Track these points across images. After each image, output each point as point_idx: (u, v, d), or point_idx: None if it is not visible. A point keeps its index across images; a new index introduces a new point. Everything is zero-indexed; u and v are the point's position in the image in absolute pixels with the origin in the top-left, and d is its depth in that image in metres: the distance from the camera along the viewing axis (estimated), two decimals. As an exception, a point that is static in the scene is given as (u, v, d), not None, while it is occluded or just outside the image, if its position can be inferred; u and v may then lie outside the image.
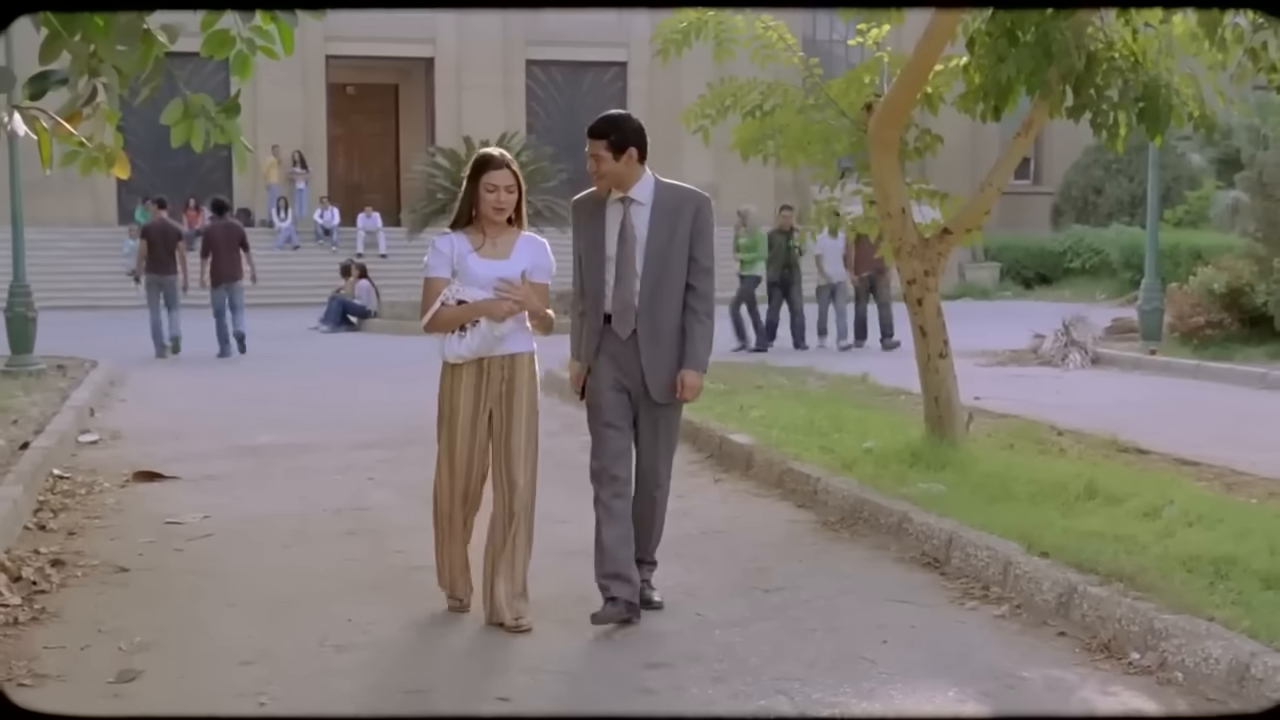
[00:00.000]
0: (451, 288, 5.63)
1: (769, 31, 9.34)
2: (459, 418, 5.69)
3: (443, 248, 5.72)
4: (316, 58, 35.03)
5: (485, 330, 5.58)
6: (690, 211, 5.73)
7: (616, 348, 5.75)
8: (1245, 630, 4.94)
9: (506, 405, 5.67)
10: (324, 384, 15.56)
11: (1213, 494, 7.76)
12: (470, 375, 5.67)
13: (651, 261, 5.69)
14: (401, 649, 5.49)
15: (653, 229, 5.69)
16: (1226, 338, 16.94)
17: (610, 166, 5.66)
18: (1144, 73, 8.14)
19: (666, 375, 5.73)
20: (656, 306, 5.70)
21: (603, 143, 5.64)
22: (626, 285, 5.70)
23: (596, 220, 5.78)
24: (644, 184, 5.73)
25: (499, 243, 5.70)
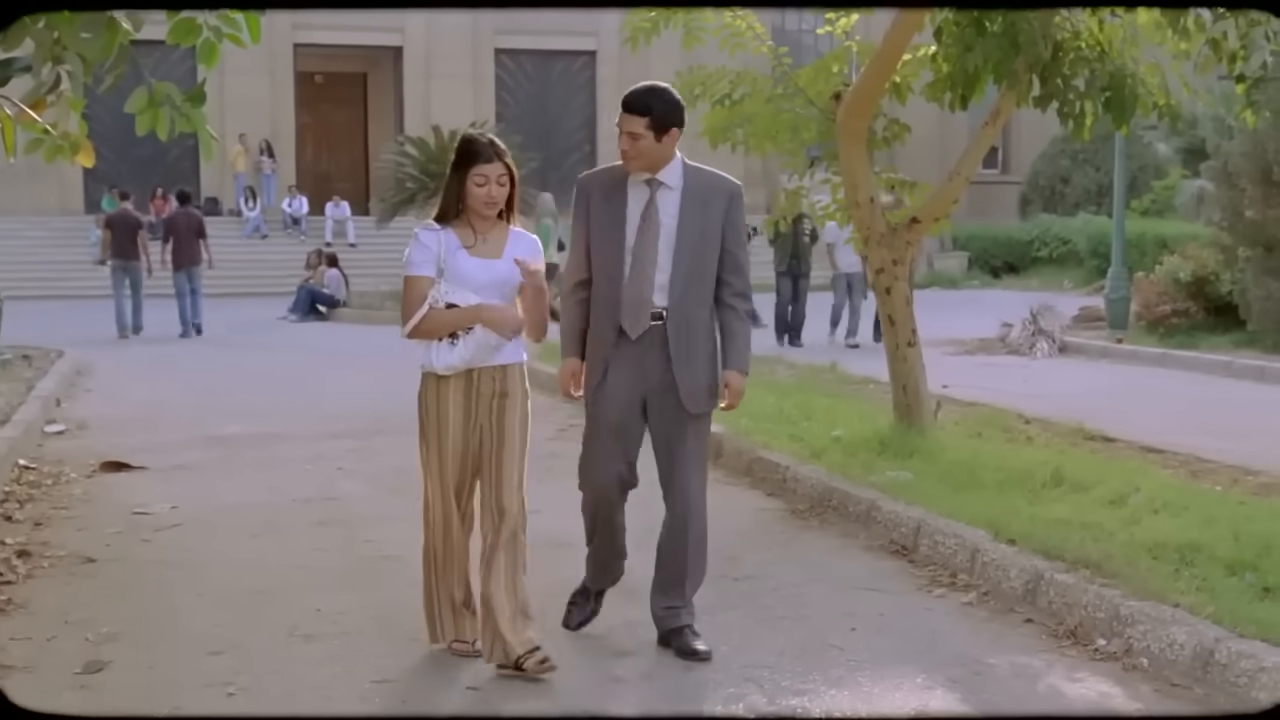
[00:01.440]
0: (439, 288, 4.93)
1: (738, 20, 9.34)
2: (449, 435, 5.02)
3: (428, 242, 4.98)
4: (284, 46, 34.87)
5: (481, 338, 4.93)
6: (724, 202, 5.10)
7: (633, 351, 5.07)
8: (1209, 616, 4.98)
9: (498, 422, 5.01)
10: (293, 374, 15.50)
11: (1178, 481, 7.81)
12: (459, 387, 5.01)
13: (684, 254, 5.03)
14: (370, 639, 5.48)
15: (684, 218, 5.04)
16: (1192, 326, 17.06)
17: (648, 148, 4.98)
18: (1110, 62, 8.18)
19: (702, 380, 5.09)
20: (689, 304, 5.05)
21: (643, 120, 4.94)
22: (642, 278, 5.03)
23: (614, 202, 5.09)
24: (673, 167, 5.08)
25: (490, 239, 5.02)
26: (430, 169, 25.29)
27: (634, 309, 5.04)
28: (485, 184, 4.96)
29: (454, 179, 5.01)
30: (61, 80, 4.78)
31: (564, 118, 37.16)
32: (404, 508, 7.92)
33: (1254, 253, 16.03)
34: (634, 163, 5.03)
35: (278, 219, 34.06)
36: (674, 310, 5.04)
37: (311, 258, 25.87)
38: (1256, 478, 8.14)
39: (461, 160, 4.99)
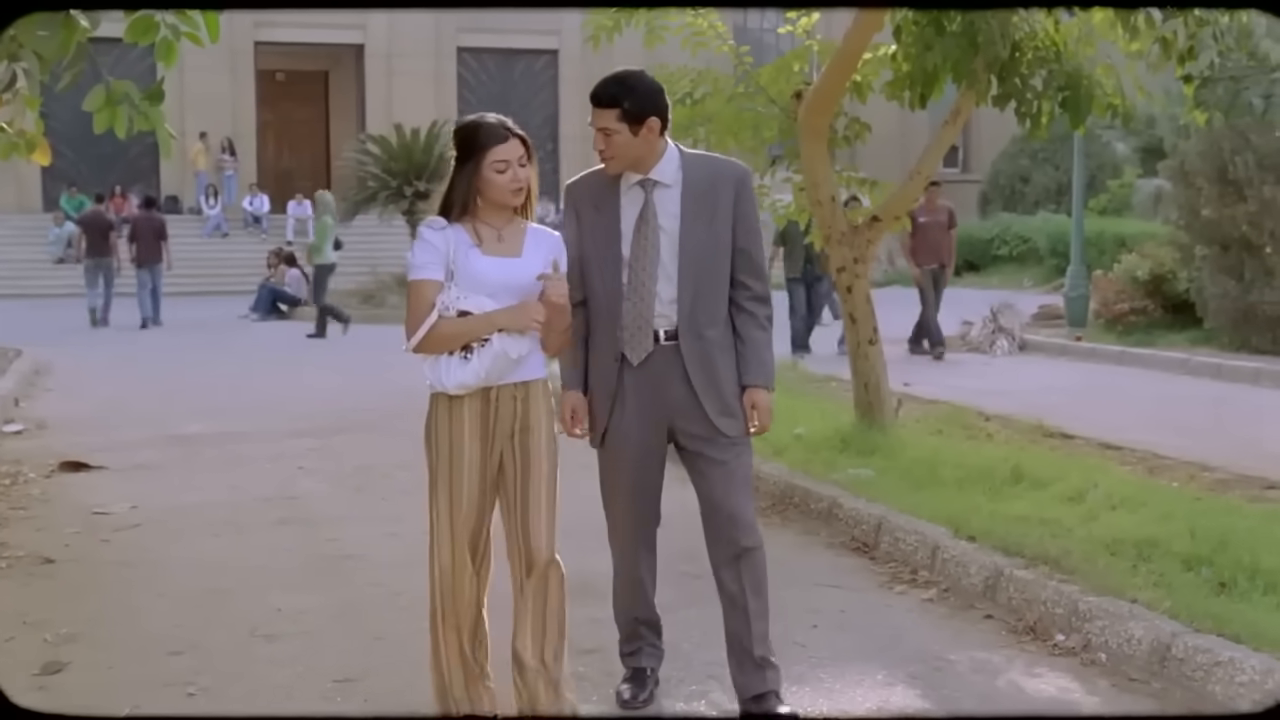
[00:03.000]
0: (449, 294, 4.19)
1: (699, 20, 9.36)
2: (464, 465, 4.26)
3: (435, 241, 4.24)
4: (245, 44, 34.71)
5: (500, 349, 4.18)
6: (729, 190, 4.41)
7: (645, 378, 4.42)
8: (1166, 611, 5.03)
9: (521, 447, 4.29)
10: (254, 372, 15.43)
11: (1136, 478, 7.88)
12: (475, 409, 4.25)
13: (690, 261, 4.38)
14: (332, 638, 5.46)
15: (686, 218, 4.38)
16: (1150, 324, 17.20)
17: (624, 143, 4.32)
18: (1067, 62, 8.25)
19: (732, 400, 4.44)
20: (701, 318, 4.39)
21: (613, 112, 4.30)
22: (642, 296, 4.39)
23: (606, 211, 4.44)
24: (668, 160, 4.42)
25: (506, 235, 4.29)
26: (392, 167, 25.28)
27: (635, 332, 4.41)
28: (507, 168, 4.21)
29: (462, 172, 4.25)
30: (18, 78, 4.76)
31: (526, 117, 37.03)
32: (366, 507, 7.95)
33: (1210, 251, 16.16)
34: (612, 163, 4.38)
35: (239, 217, 33.91)
36: (687, 328, 4.39)
37: (271, 257, 25.76)
38: (1213, 474, 8.22)
39: (469, 148, 4.24)
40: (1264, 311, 15.40)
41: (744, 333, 4.47)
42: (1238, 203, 15.63)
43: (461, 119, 4.38)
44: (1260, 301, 15.41)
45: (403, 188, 24.94)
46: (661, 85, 4.43)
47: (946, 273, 16.28)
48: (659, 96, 4.38)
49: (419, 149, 25.59)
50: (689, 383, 4.41)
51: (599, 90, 4.36)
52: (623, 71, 4.43)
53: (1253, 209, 15.45)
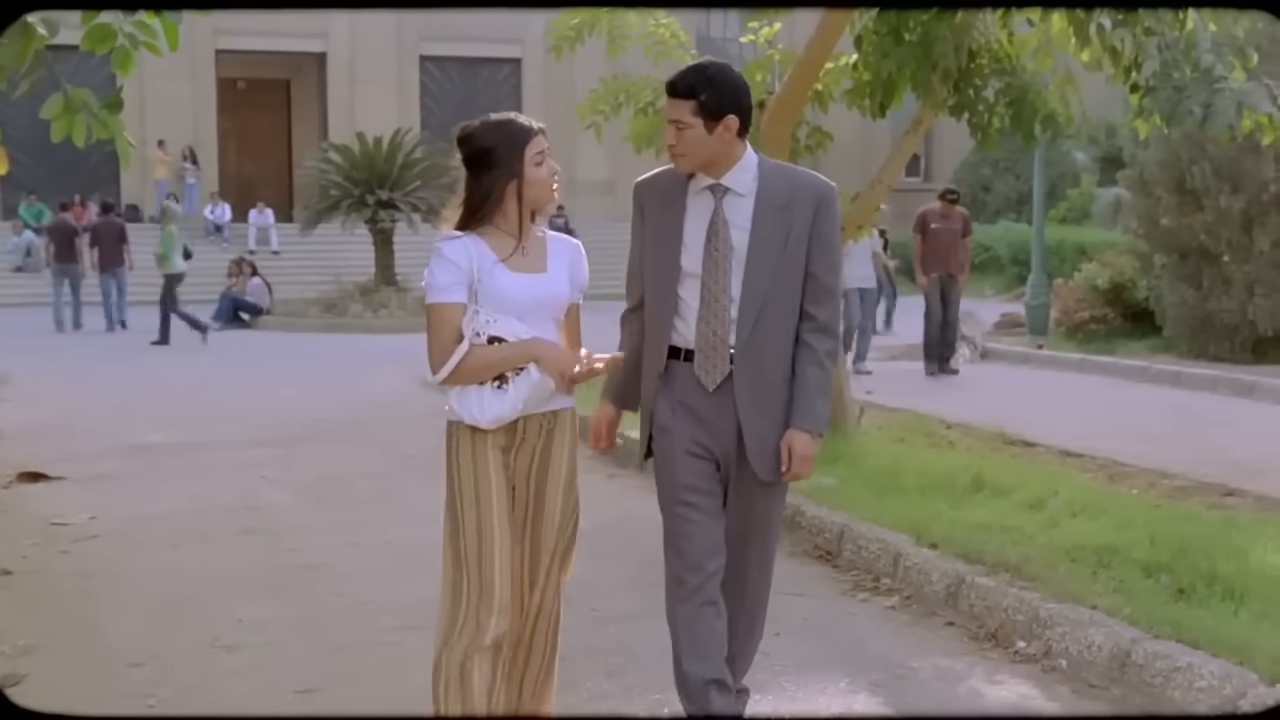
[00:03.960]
0: (477, 319, 3.82)
1: (661, 29, 9.38)
2: (493, 506, 3.86)
3: (456, 257, 3.84)
4: (206, 51, 34.54)
5: (539, 378, 3.83)
6: (808, 208, 3.99)
7: (698, 400, 4.06)
8: (1126, 617, 5.06)
9: (536, 481, 3.96)
10: (216, 381, 15.36)
11: (1096, 485, 7.93)
12: (499, 441, 3.89)
13: (756, 279, 3.98)
14: (293, 648, 5.44)
15: (757, 232, 3.97)
16: (1110, 332, 17.34)
17: (697, 139, 3.92)
18: (1017, 76, 8.33)
19: (772, 440, 4.06)
20: (762, 344, 4.01)
21: (688, 104, 3.91)
22: (717, 313, 3.99)
23: (671, 213, 4.07)
24: (744, 167, 4.00)
25: (529, 248, 3.93)
26: (354, 176, 25.21)
27: (710, 353, 4.02)
28: (544, 159, 3.90)
29: (489, 176, 3.87)
30: (-26, 86, 4.72)
31: (489, 125, 37.05)
32: (329, 516, 7.92)
33: (1169, 260, 16.30)
34: (682, 161, 3.99)
35: (200, 226, 33.70)
36: (744, 351, 4.00)
37: (233, 266, 25.66)
38: (1172, 481, 8.29)
39: (508, 148, 3.86)
40: (1221, 319, 15.54)
41: (799, 369, 4.05)
42: (1195, 212, 15.78)
43: (475, 122, 3.94)
44: (1218, 309, 15.56)
45: (365, 196, 24.87)
46: (747, 84, 4.02)
47: (959, 281, 15.36)
48: (742, 94, 3.98)
49: (381, 158, 25.53)
50: (736, 413, 4.04)
51: (676, 79, 3.96)
52: (706, 61, 4.07)
53: (1210, 218, 15.60)
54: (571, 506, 4.01)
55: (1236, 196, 15.37)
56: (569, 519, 4.01)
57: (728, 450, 4.07)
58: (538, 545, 3.97)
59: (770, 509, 4.19)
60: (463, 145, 3.93)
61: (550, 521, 3.97)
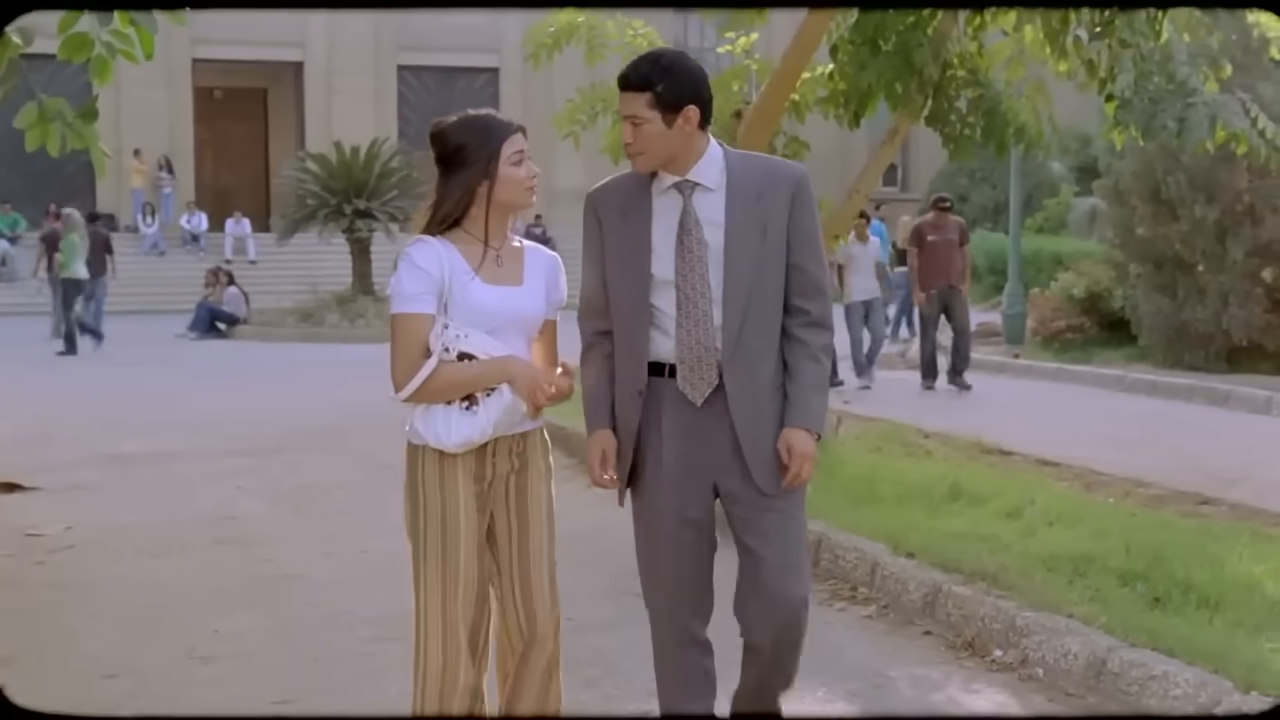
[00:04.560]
0: (447, 333, 3.54)
1: (638, 39, 9.39)
2: (460, 538, 3.59)
3: (427, 264, 3.57)
4: (182, 60, 34.48)
5: (512, 400, 3.55)
6: (784, 196, 3.71)
7: (685, 417, 3.73)
8: (1102, 626, 5.07)
9: (517, 507, 3.70)
10: (192, 391, 15.31)
11: (1073, 494, 7.96)
12: (469, 467, 3.62)
13: (736, 278, 3.68)
14: (269, 659, 5.42)
15: (733, 227, 3.68)
16: (1086, 341, 17.42)
17: (656, 135, 3.63)
18: (989, 87, 8.39)
19: (771, 449, 3.74)
20: (750, 347, 3.70)
21: (643, 97, 3.62)
22: (697, 320, 3.69)
23: (635, 219, 3.75)
24: (710, 160, 3.73)
25: (505, 258, 3.68)
26: (331, 185, 25.20)
27: (695, 365, 3.70)
28: (523, 160, 3.64)
29: (461, 175, 3.62)
30: (-50, 95, 4.71)
31: (467, 135, 37.06)
32: (304, 526, 7.91)
33: (1144, 269, 16.39)
34: (641, 159, 3.69)
35: (176, 235, 33.63)
36: (733, 360, 3.69)
37: (209, 275, 25.61)
38: (1148, 489, 8.32)
39: (481, 145, 3.62)
40: (1196, 329, 15.62)
41: (793, 365, 3.74)
42: (1170, 222, 15.87)
43: (449, 118, 3.70)
44: (1193, 319, 15.64)
45: (342, 206, 24.85)
46: (704, 71, 3.72)
47: (962, 292, 14.76)
48: (701, 82, 3.68)
49: (358, 167, 25.52)
50: (733, 429, 3.70)
51: (628, 71, 3.67)
52: (658, 50, 3.77)
53: (1185, 228, 15.69)
54: (553, 524, 3.76)
55: (1211, 207, 15.45)
56: (552, 542, 3.75)
57: (723, 467, 3.73)
58: (528, 564, 3.68)
59: (794, 511, 3.79)
60: (435, 142, 3.68)
61: (538, 540, 3.70)
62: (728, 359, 3.69)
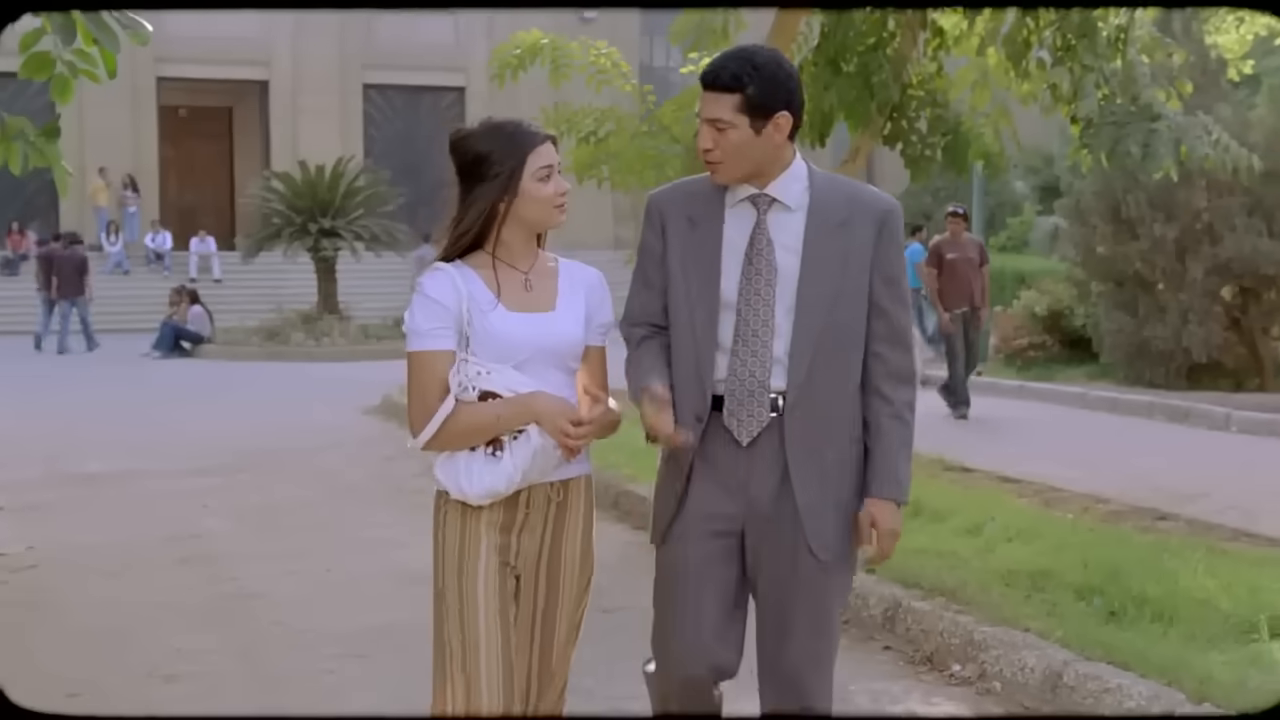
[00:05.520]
0: (466, 369, 3.16)
1: (603, 58, 9.47)
2: (480, 604, 3.19)
3: (442, 295, 3.19)
4: (147, 80, 34.36)
5: (541, 443, 3.14)
6: (870, 228, 3.29)
7: (726, 457, 3.30)
8: (1058, 640, 5.14)
9: (548, 567, 3.29)
10: (156, 410, 15.26)
11: (1032, 510, 8.03)
12: (496, 519, 3.22)
13: (810, 311, 3.26)
14: (232, 677, 5.43)
15: (810, 254, 3.27)
16: (1048, 359, 17.58)
17: (742, 143, 3.20)
18: (949, 109, 8.49)
19: (836, 513, 3.30)
20: (819, 390, 3.27)
21: (732, 99, 3.18)
22: (755, 350, 3.26)
23: (704, 230, 3.31)
24: (793, 176, 3.31)
25: (535, 280, 3.28)
26: (297, 204, 25.17)
27: (745, 398, 3.27)
28: (551, 175, 3.23)
29: (482, 190, 3.21)
30: (-88, 114, 4.72)
31: (432, 153, 37.04)
32: (268, 544, 7.90)
33: (1105, 287, 16.56)
34: (721, 169, 3.24)
35: (140, 254, 33.49)
36: (797, 398, 3.26)
37: (174, 294, 25.53)
38: (1107, 505, 8.40)
39: (498, 154, 3.21)
40: (1156, 346, 15.79)
41: (876, 424, 3.31)
42: (1130, 240, 16.05)
43: (471, 125, 3.31)
44: (1153, 336, 15.80)
45: (307, 224, 24.83)
46: (798, 74, 3.33)
47: (980, 316, 13.99)
48: (796, 86, 3.26)
49: (324, 185, 25.50)
50: (784, 471, 3.27)
51: (715, 68, 3.22)
52: (751, 47, 3.30)
53: (1144, 246, 15.87)
54: (587, 588, 3.36)
55: (1170, 225, 15.65)
56: (583, 603, 3.37)
57: (758, 519, 3.29)
58: (549, 638, 3.31)
59: (836, 591, 3.37)
60: (455, 152, 3.27)
61: (564, 614, 3.31)
62: (792, 400, 3.25)
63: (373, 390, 14.62)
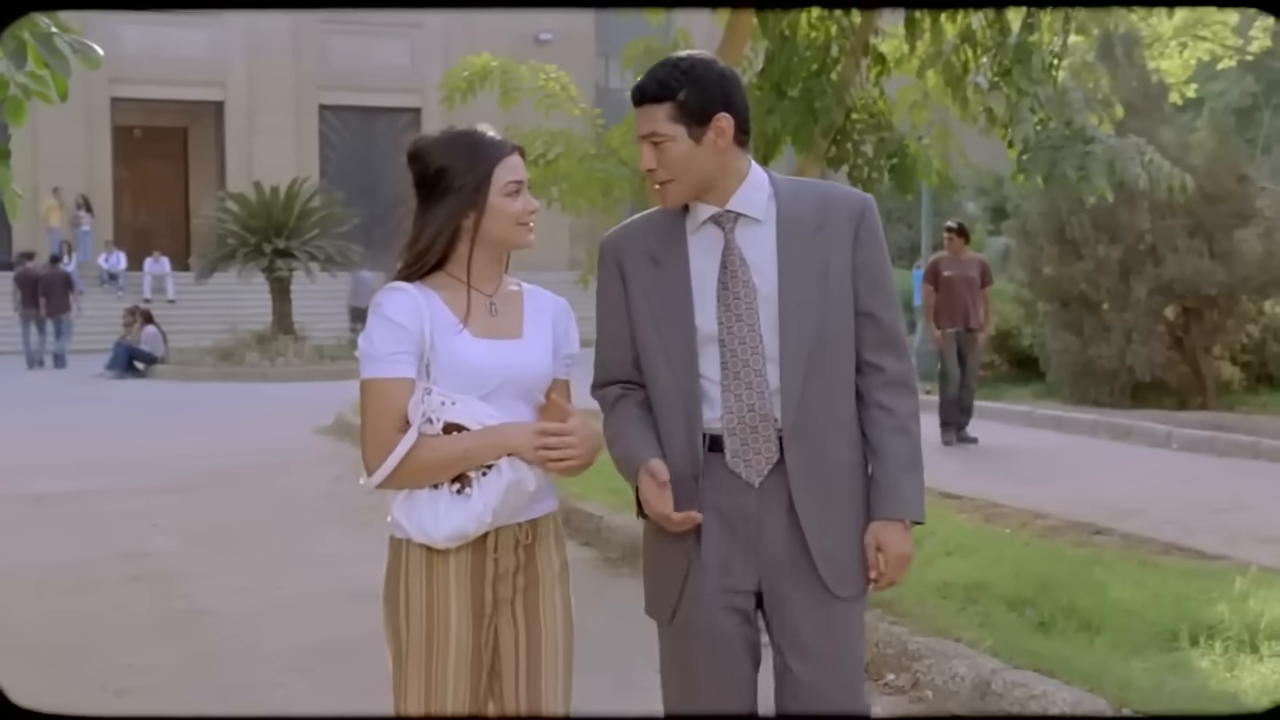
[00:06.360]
0: (429, 399, 2.85)
1: (551, 82, 9.62)
2: (449, 654, 2.90)
3: (402, 317, 2.88)
4: (101, 99, 34.29)
5: (512, 479, 2.86)
6: (846, 230, 3.05)
7: (734, 502, 3.01)
8: (988, 649, 5.28)
9: (526, 614, 3.01)
10: (109, 431, 15.26)
11: (972, 525, 8.18)
12: (464, 565, 2.91)
13: (796, 329, 3.00)
14: (184, 692, 5.50)
15: (787, 267, 3.00)
16: (997, 378, 17.80)
17: (684, 154, 2.95)
18: (893, 131, 8.68)
19: (846, 542, 3.05)
20: (816, 414, 3.01)
21: (663, 109, 2.94)
22: (749, 381, 2.99)
23: (670, 263, 3.05)
24: (753, 186, 3.04)
25: (500, 304, 3.01)
26: (251, 225, 25.20)
27: (749, 435, 2.99)
28: (518, 189, 2.96)
29: (446, 204, 2.93)
30: None
31: (388, 174, 37.08)
32: (219, 562, 7.98)
33: (1052, 308, 16.82)
34: (670, 189, 2.99)
35: (94, 274, 33.36)
36: (796, 428, 2.99)
37: (128, 315, 25.50)
38: (1045, 520, 8.58)
39: (462, 166, 2.94)
40: (1101, 365, 16.04)
41: (877, 440, 3.05)
42: (1076, 261, 16.32)
43: (431, 134, 3.04)
44: (1098, 356, 16.05)
45: (262, 245, 24.87)
46: (736, 74, 3.04)
47: (978, 340, 13.31)
48: (732, 86, 2.98)
49: (278, 206, 25.56)
50: (794, 516, 3.00)
51: (642, 81, 2.98)
52: (677, 54, 3.04)
53: (1089, 267, 16.13)
54: (570, 631, 3.10)
55: (1114, 246, 15.92)
56: (570, 652, 3.08)
57: (774, 564, 3.02)
58: (539, 678, 3.00)
59: (854, 621, 3.10)
60: (413, 162, 3.00)
61: (551, 651, 3.03)
62: (789, 429, 2.98)
63: (326, 410, 14.68)
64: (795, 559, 3.01)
